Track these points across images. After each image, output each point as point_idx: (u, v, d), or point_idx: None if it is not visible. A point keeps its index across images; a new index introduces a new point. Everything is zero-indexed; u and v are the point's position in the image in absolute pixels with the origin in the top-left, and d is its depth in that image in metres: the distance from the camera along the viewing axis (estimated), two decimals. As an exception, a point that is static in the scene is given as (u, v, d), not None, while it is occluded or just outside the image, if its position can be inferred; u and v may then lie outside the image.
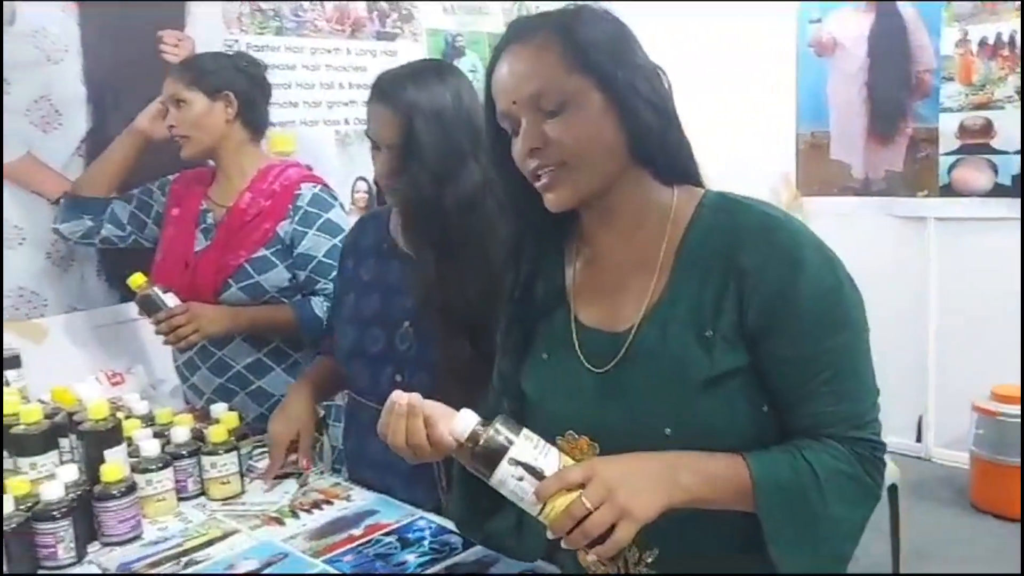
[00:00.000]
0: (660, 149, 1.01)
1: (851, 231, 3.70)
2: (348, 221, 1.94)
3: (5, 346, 2.02)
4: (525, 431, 0.92)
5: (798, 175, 3.86)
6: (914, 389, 3.65)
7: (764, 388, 0.97)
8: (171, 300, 1.84)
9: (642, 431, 0.93)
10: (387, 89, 1.43)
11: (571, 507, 0.86)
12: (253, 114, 2.00)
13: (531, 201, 1.04)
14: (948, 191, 3.43)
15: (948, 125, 3.38)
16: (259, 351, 1.96)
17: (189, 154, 1.96)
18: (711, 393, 0.95)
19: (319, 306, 1.90)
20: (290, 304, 1.93)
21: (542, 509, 0.88)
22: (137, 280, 1.84)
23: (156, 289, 1.84)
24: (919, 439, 3.69)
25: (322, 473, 1.64)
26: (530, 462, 0.89)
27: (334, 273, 1.80)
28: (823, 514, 0.94)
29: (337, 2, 2.63)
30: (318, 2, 2.60)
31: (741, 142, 3.81)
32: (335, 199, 1.99)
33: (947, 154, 3.41)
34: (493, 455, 0.90)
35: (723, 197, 1.04)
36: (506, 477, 0.89)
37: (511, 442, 0.90)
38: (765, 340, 0.95)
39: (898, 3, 3.44)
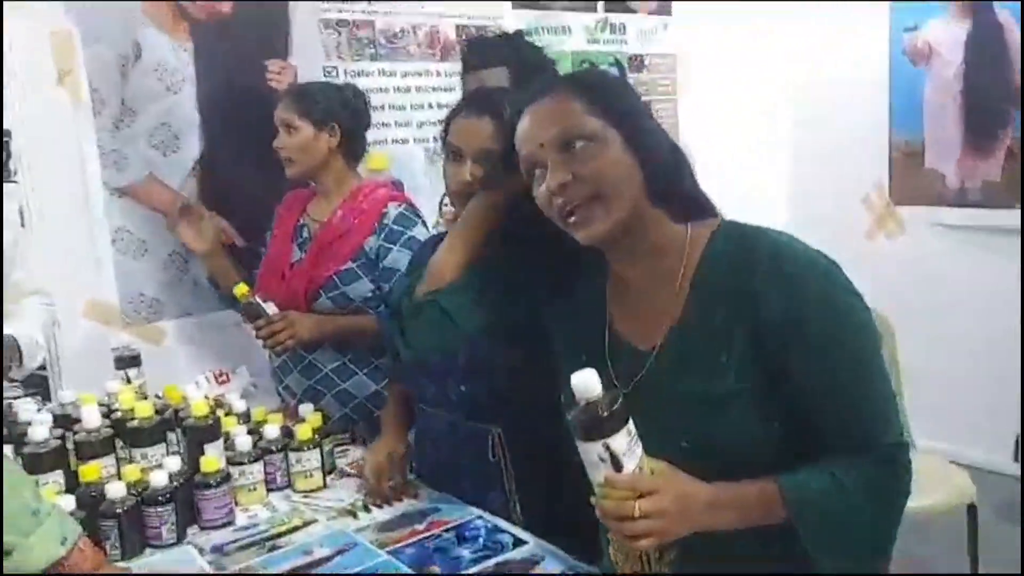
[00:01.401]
0: (674, 188, 1.11)
1: (946, 242, 3.64)
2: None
3: (130, 346, 2.27)
4: (630, 424, 0.97)
5: (891, 184, 3.79)
6: (1010, 405, 3.53)
7: (775, 406, 1.04)
8: (271, 308, 2.04)
9: (661, 443, 1.01)
10: (485, 102, 1.54)
11: (624, 506, 0.95)
12: (353, 143, 2.20)
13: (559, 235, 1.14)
14: (1049, 202, 3.32)
15: (1049, 134, 3.27)
16: (344, 356, 2.13)
17: (292, 174, 2.16)
18: (724, 411, 1.04)
19: None
20: (374, 314, 2.08)
21: (601, 488, 0.97)
22: (241, 289, 2.05)
23: (257, 298, 2.04)
24: (1017, 458, 3.57)
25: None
26: (617, 453, 0.95)
27: None
28: (857, 521, 1.03)
29: (430, 29, 2.79)
30: (411, 30, 2.76)
31: (833, 150, 3.79)
32: (418, 217, 2.14)
33: (1048, 164, 3.29)
34: (594, 431, 0.95)
35: (734, 227, 1.13)
36: (591, 451, 0.96)
37: (614, 432, 0.95)
38: (782, 360, 1.03)
39: (995, 5, 3.34)
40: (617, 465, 0.96)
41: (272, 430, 1.72)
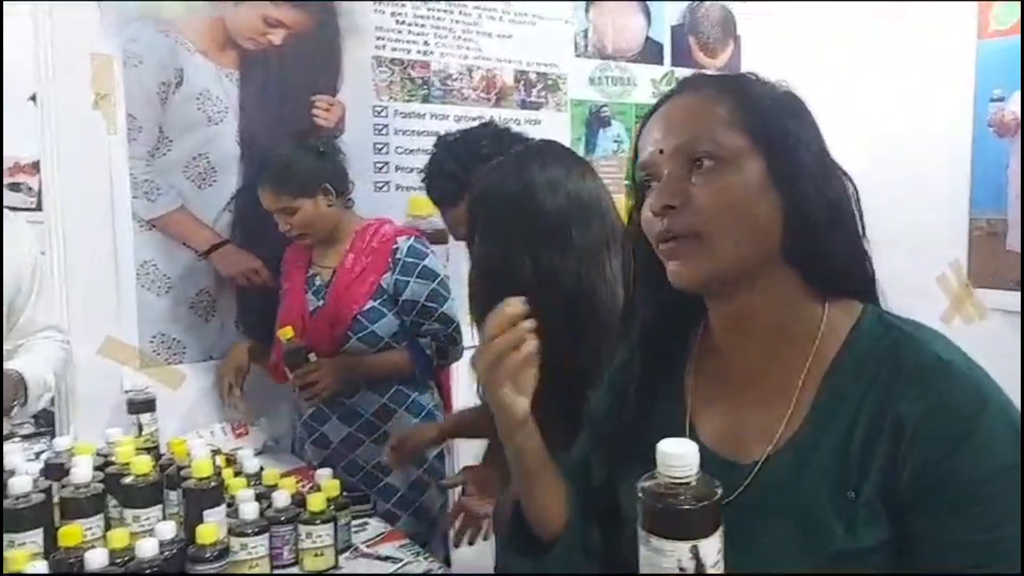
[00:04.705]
0: (821, 250, 0.83)
1: (1030, 331, 3.35)
2: (442, 266, 2.12)
3: (145, 389, 2.11)
4: (722, 527, 0.71)
5: (970, 263, 3.53)
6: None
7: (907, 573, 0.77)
8: (313, 356, 2.00)
9: None
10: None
11: None
12: (344, 189, 2.14)
13: (659, 284, 0.88)
14: None
15: None
16: (383, 397, 2.10)
17: (310, 243, 2.12)
18: (844, 569, 0.77)
19: (427, 346, 2.09)
20: (401, 348, 2.09)
21: None
22: (287, 333, 2.00)
23: (302, 343, 2.00)
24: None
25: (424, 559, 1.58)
26: (704, 562, 0.69)
27: (440, 310, 2.06)
28: None
29: (487, 73, 2.66)
30: (467, 73, 2.63)
31: (909, 224, 3.55)
32: (428, 247, 2.12)
33: None
34: (683, 526, 0.70)
35: (887, 322, 0.84)
36: (669, 554, 0.69)
37: (708, 533, 0.69)
38: (909, 512, 0.76)
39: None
40: None
41: (282, 497, 1.52)
